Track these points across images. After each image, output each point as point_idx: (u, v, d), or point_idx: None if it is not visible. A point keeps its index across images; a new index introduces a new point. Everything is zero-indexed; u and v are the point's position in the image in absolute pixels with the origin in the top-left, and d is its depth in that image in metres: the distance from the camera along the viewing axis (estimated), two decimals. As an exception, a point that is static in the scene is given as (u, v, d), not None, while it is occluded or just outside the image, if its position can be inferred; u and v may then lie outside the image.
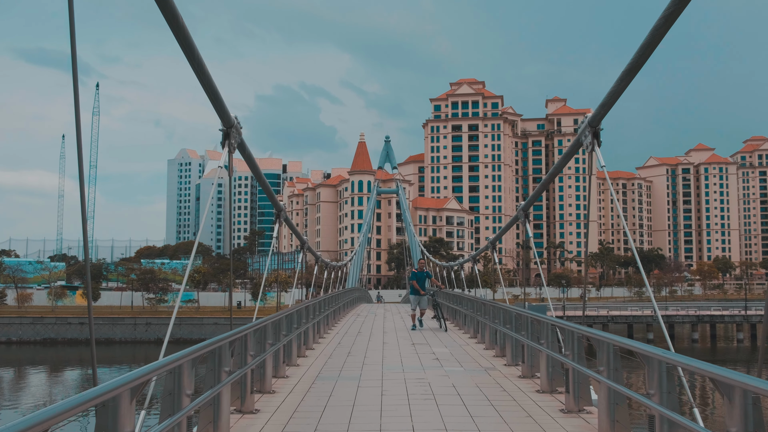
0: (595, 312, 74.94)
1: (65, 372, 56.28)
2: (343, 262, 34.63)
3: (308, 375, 11.96)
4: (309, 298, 23.36)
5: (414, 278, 21.80)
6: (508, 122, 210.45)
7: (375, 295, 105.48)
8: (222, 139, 9.05)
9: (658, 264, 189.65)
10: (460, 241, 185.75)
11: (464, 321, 21.67)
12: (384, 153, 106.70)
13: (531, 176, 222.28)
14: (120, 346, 68.82)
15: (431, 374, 11.92)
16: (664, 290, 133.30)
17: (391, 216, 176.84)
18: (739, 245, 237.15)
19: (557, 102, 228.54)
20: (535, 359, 11.25)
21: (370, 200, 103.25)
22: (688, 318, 73.80)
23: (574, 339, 8.50)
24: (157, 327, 70.16)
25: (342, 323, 25.91)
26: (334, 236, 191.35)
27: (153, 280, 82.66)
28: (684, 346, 70.77)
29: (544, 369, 10.12)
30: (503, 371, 12.39)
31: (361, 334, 20.79)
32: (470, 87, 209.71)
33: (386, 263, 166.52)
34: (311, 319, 16.37)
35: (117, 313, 77.82)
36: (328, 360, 14.21)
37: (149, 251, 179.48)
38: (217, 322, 66.08)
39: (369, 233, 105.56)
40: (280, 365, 11.64)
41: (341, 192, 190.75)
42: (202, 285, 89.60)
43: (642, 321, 74.26)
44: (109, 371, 55.29)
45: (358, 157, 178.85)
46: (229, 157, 9.12)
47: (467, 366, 13.17)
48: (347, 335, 20.26)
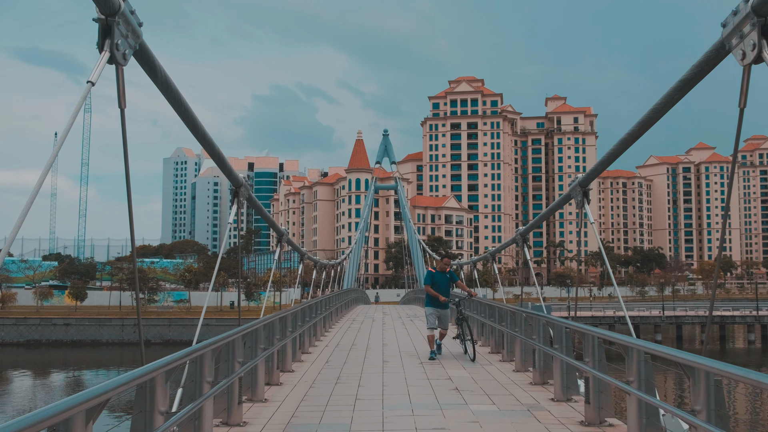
0: (601, 313, 72.42)
1: (51, 375, 53.62)
2: (335, 261, 31.32)
3: (275, 423, 8.15)
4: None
5: (431, 281, 14.83)
6: (507, 120, 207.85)
7: (373, 295, 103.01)
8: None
9: (659, 263, 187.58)
10: (459, 240, 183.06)
11: (481, 331, 17.51)
12: (382, 147, 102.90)
13: (530, 175, 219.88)
14: (107, 348, 66.17)
15: (453, 419, 8.33)
16: (667, 289, 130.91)
17: (389, 214, 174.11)
18: (740, 244, 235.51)
19: (557, 100, 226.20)
20: (606, 397, 7.88)
21: (367, 197, 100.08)
22: (698, 318, 71.07)
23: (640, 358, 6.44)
24: (146, 328, 67.50)
25: (334, 331, 22.76)
26: (331, 235, 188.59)
27: (142, 279, 79.77)
28: (696, 348, 68.32)
29: (635, 418, 6.52)
30: (553, 412, 8.82)
31: (356, 348, 17.18)
32: (469, 85, 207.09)
33: (384, 262, 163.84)
34: (290, 333, 12.48)
35: (105, 313, 75.16)
36: (309, 392, 10.36)
37: (144, 250, 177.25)
38: (208, 323, 63.33)
39: (366, 231, 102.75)
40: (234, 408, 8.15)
41: (338, 190, 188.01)
42: (193, 284, 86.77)
43: (649, 322, 71.67)
44: (95, 375, 52.60)
45: (355, 155, 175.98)
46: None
47: (501, 402, 9.44)
48: (338, 349, 16.82)
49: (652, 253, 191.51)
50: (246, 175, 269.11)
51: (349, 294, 38.06)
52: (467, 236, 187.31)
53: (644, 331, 71.93)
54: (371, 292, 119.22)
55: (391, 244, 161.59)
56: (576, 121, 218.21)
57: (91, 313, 74.43)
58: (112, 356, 62.12)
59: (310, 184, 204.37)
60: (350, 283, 71.81)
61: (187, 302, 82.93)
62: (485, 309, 16.96)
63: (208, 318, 64.96)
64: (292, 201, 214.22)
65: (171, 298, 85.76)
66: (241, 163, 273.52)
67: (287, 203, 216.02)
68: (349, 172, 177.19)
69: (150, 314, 73.91)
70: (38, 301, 79.65)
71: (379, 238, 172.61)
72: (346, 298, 33.94)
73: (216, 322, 63.99)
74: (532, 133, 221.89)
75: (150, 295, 79.73)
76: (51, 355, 63.90)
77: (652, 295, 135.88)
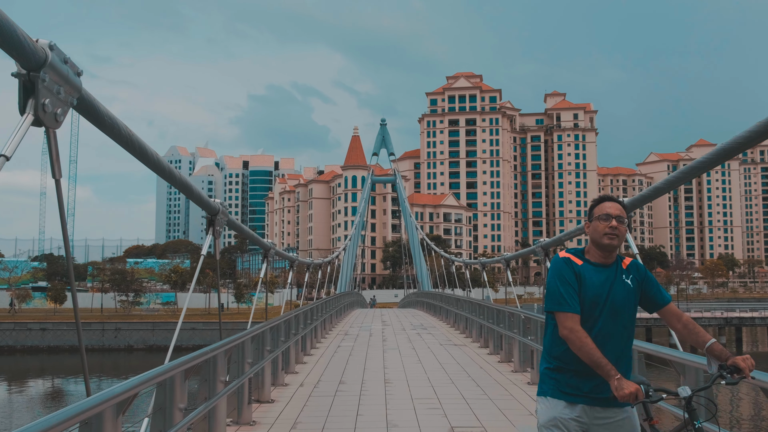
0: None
1: (27, 384, 49.84)
2: (328, 258, 27.05)
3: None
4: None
5: (573, 294, 3.60)
6: (506, 117, 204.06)
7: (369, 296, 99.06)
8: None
9: (661, 262, 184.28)
10: (458, 238, 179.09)
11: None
12: (379, 138, 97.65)
13: (530, 172, 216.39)
14: (86, 355, 61.75)
15: None
16: (672, 289, 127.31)
17: (387, 213, 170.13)
18: (742, 242, 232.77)
19: (556, 96, 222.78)
20: None
21: (364, 191, 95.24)
22: (715, 321, 66.87)
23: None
24: (128, 333, 63.41)
25: (319, 352, 16.88)
26: (327, 234, 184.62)
27: (125, 280, 75.46)
28: None
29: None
30: None
31: (344, 393, 10.95)
32: (467, 81, 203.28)
33: (381, 262, 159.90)
34: (249, 367, 8.56)
35: (84, 317, 70.51)
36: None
37: (138, 250, 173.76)
38: (194, 327, 59.25)
39: (363, 230, 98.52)
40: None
41: (334, 188, 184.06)
42: (179, 285, 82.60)
43: (662, 324, 67.78)
44: (75, 383, 48.68)
45: (351, 152, 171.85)
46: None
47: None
48: (318, 394, 10.82)
49: (653, 251, 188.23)
50: (241, 173, 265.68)
51: (343, 299, 33.97)
52: (466, 235, 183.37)
53: (656, 334, 68.20)
54: (368, 293, 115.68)
55: (389, 243, 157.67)
56: (576, 117, 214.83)
57: (70, 316, 70.15)
58: (92, 363, 58.02)
59: (306, 182, 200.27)
60: (345, 285, 68.10)
61: (175, 304, 78.88)
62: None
63: (194, 321, 60.86)
64: (287, 199, 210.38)
65: (159, 300, 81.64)
66: (236, 161, 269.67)
67: (282, 201, 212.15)
68: (345, 169, 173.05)
69: (133, 317, 69.79)
70: (18, 303, 75.30)
71: (377, 237, 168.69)
72: (338, 305, 29.91)
73: (203, 326, 59.94)
74: (531, 129, 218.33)
75: (134, 296, 75.47)
76: (26, 362, 59.92)
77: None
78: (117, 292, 75.32)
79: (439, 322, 29.85)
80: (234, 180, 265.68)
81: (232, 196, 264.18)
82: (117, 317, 70.14)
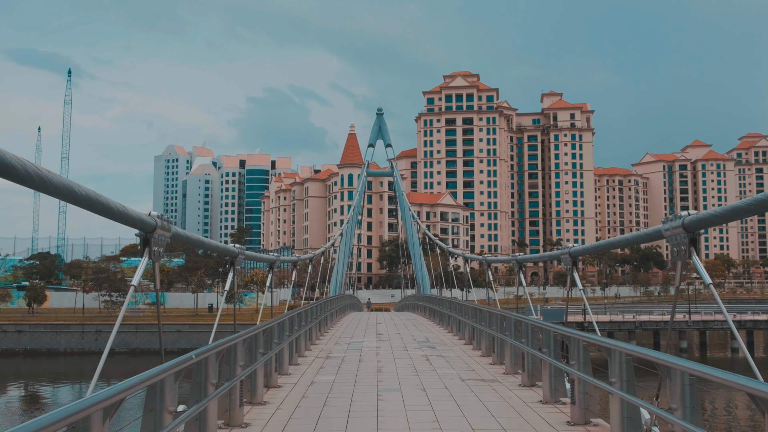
0: (620, 317, 67.58)
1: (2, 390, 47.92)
2: (311, 255, 25.13)
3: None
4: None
5: None
6: (503, 116, 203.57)
7: (365, 297, 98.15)
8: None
9: (657, 262, 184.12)
10: (455, 237, 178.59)
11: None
12: (376, 128, 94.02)
13: (526, 172, 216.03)
14: (64, 359, 59.63)
15: None
16: (671, 289, 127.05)
17: (383, 211, 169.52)
18: (737, 243, 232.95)
19: (553, 96, 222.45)
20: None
21: (359, 184, 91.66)
22: (728, 324, 65.50)
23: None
24: (109, 335, 61.64)
25: (286, 389, 12.40)
26: (322, 233, 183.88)
27: (108, 280, 73.92)
28: (727, 356, 64.04)
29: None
30: None
31: None
32: (464, 80, 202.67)
33: (378, 261, 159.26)
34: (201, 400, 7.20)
35: (63, 318, 68.58)
36: None
37: (134, 249, 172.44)
38: (180, 329, 57.97)
39: (358, 229, 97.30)
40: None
41: (330, 187, 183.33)
42: (166, 285, 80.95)
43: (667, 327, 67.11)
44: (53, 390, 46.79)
45: (348, 150, 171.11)
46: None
47: None
48: None
49: (649, 251, 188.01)
50: (237, 171, 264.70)
51: (334, 303, 31.39)
52: (463, 234, 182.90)
53: (665, 337, 67.63)
54: (363, 293, 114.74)
55: (385, 242, 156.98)
56: (572, 117, 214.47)
57: (48, 318, 68.09)
58: (71, 368, 55.83)
59: (302, 180, 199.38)
60: (338, 286, 66.21)
61: (163, 304, 77.80)
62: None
63: (180, 324, 59.55)
64: (283, 198, 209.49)
65: (148, 300, 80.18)
66: (233, 160, 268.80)
67: (278, 200, 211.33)
68: (341, 167, 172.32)
69: (114, 319, 68.41)
70: None
71: (373, 236, 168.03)
72: (329, 309, 27.58)
73: (189, 328, 58.68)
74: (528, 129, 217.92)
75: (118, 296, 73.43)
76: (0, 366, 57.43)
77: (659, 296, 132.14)
78: (98, 291, 73.67)
79: (449, 336, 24.63)
80: (231, 179, 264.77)
81: (229, 195, 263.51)
82: (99, 318, 68.21)
